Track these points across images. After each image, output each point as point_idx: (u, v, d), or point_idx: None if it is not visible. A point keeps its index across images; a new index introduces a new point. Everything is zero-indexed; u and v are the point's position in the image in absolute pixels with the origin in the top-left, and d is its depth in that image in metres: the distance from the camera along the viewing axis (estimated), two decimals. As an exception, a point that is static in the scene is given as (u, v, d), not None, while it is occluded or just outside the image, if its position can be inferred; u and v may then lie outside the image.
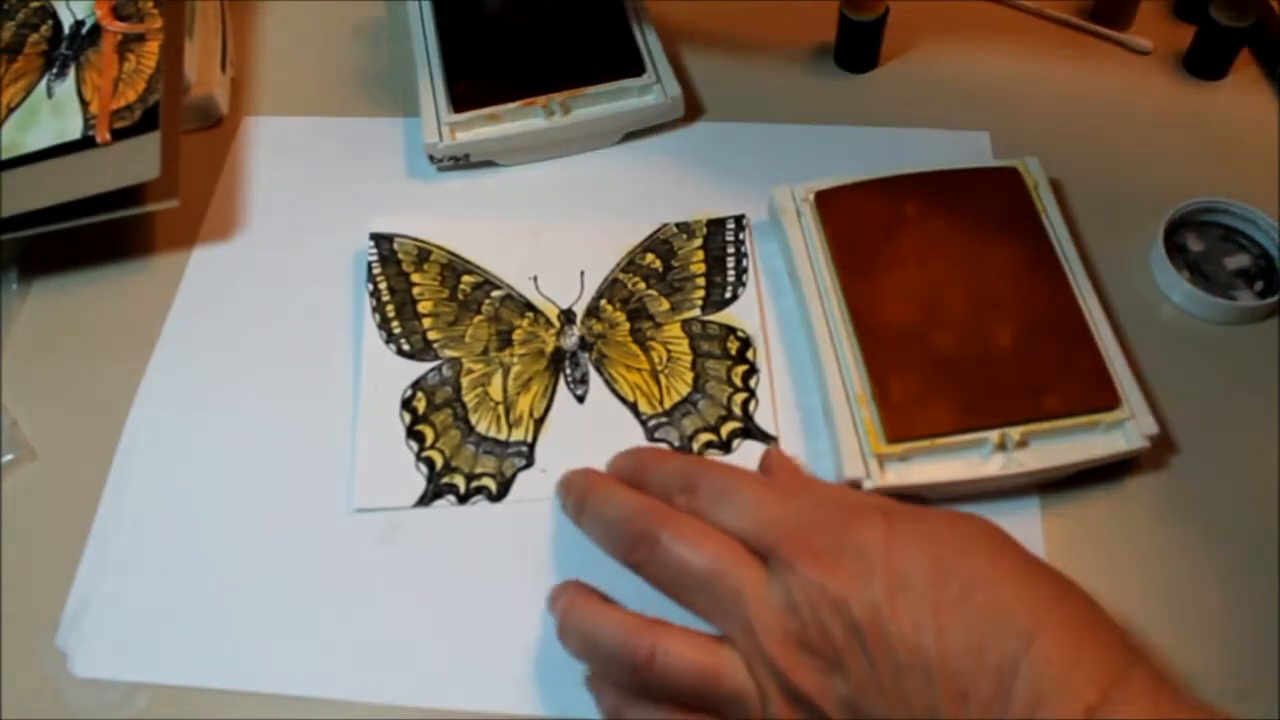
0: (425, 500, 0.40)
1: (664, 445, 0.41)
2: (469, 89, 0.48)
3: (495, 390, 0.42)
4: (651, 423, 0.41)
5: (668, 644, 0.33)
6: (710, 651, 0.33)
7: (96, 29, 0.48)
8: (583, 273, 0.45)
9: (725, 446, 0.41)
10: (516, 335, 0.43)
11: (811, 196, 0.45)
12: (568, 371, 0.43)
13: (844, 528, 0.32)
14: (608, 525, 0.36)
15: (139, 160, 0.43)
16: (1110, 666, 0.29)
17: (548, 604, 0.36)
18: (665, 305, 0.44)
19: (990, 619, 0.29)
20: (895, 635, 0.30)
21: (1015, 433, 0.38)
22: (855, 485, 0.38)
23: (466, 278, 0.45)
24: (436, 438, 0.41)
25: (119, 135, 0.44)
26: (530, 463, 0.41)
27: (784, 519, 0.33)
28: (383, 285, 0.45)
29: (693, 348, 0.43)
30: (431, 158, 0.48)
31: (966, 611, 0.29)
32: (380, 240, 0.46)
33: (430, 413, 0.42)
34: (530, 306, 0.44)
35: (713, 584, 0.33)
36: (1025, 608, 0.30)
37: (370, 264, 0.45)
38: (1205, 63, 0.51)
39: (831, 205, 0.44)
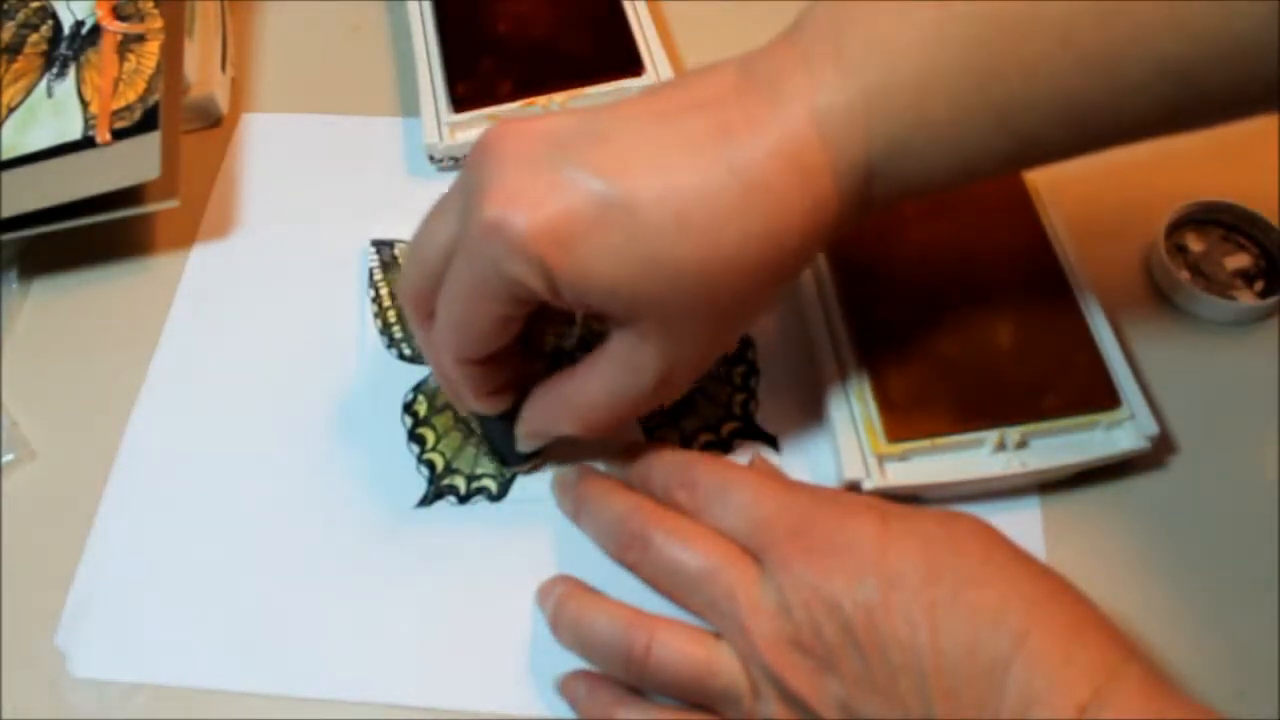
0: (426, 502, 0.40)
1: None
2: (469, 89, 0.48)
3: (495, 390, 0.42)
4: (651, 423, 0.41)
5: (664, 637, 0.33)
6: (706, 646, 0.33)
7: (96, 29, 0.48)
8: (583, 273, 0.45)
9: (725, 447, 0.41)
10: (516, 335, 0.43)
11: (811, 196, 0.45)
12: (568, 372, 0.43)
13: (837, 527, 0.32)
14: (603, 526, 0.36)
15: (139, 160, 0.43)
16: (1103, 664, 0.29)
17: (537, 598, 0.37)
18: (665, 305, 0.44)
19: (983, 617, 0.29)
20: (889, 635, 0.30)
21: (1015, 433, 0.38)
22: (855, 485, 0.38)
23: (466, 278, 0.45)
24: (437, 440, 0.41)
25: (119, 135, 0.44)
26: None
27: (778, 518, 0.33)
28: (384, 291, 0.44)
29: (693, 348, 0.43)
30: (431, 158, 0.48)
31: (959, 610, 0.30)
32: (381, 246, 0.46)
33: (431, 416, 0.42)
34: (530, 306, 0.44)
35: (706, 585, 0.33)
36: (1017, 606, 0.30)
37: (371, 270, 0.45)
38: (1205, 63, 0.51)
39: (831, 205, 0.44)
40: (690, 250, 0.30)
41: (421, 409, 0.42)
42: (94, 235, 0.44)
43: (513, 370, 0.36)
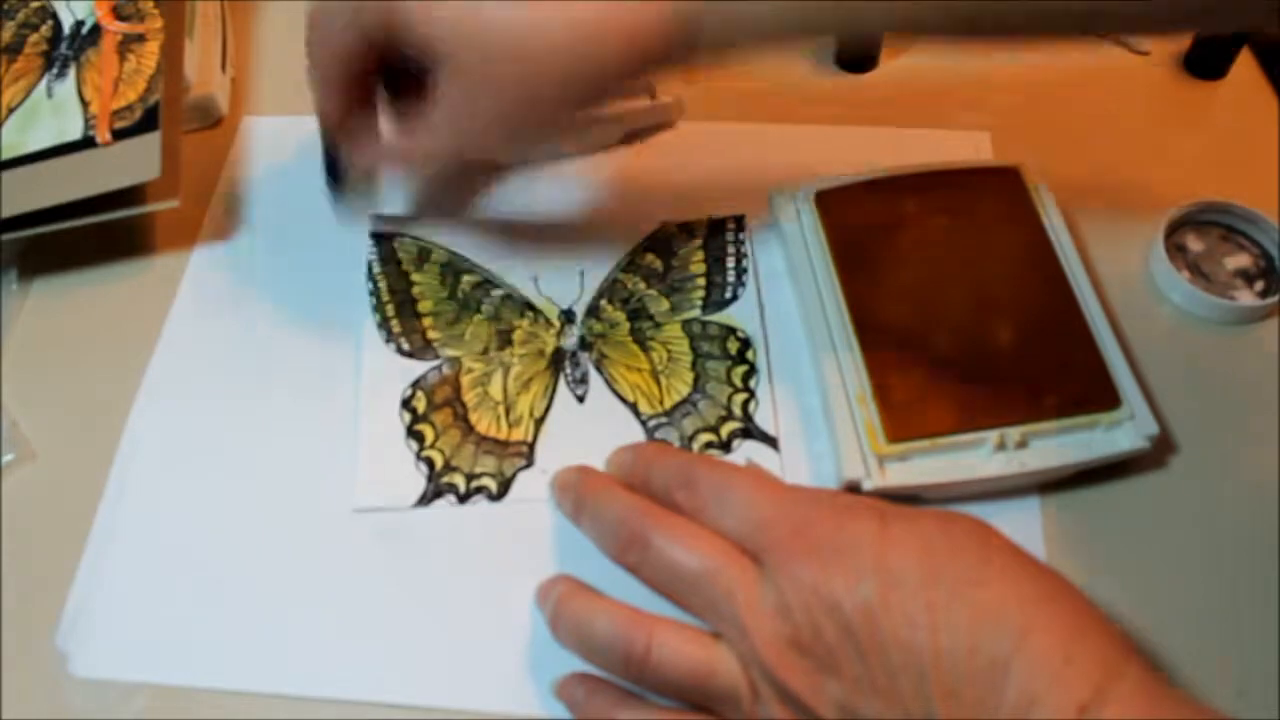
0: (425, 500, 0.40)
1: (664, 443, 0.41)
2: (469, 89, 0.48)
3: (495, 390, 0.42)
4: (651, 423, 0.41)
5: (664, 637, 0.33)
6: (705, 646, 0.33)
7: (96, 29, 0.48)
8: (583, 273, 0.45)
9: (725, 447, 0.41)
10: (516, 335, 0.44)
11: (811, 196, 0.45)
12: (568, 371, 0.43)
13: (837, 527, 0.32)
14: (603, 527, 0.36)
15: (139, 160, 0.43)
16: (1103, 664, 0.29)
17: (536, 598, 0.37)
18: (665, 305, 0.44)
19: (983, 618, 0.29)
20: (889, 635, 0.30)
21: (1015, 433, 0.38)
22: (855, 485, 0.38)
23: (466, 277, 0.45)
24: (436, 437, 0.41)
25: (119, 135, 0.44)
26: (530, 462, 0.41)
27: (778, 519, 0.33)
28: (382, 285, 0.45)
29: (693, 348, 0.43)
30: (431, 158, 0.48)
31: (959, 610, 0.30)
32: (380, 240, 0.46)
33: (430, 412, 0.42)
34: (530, 306, 0.44)
35: (706, 585, 0.33)
36: (1017, 606, 0.30)
37: (370, 264, 0.45)
38: (1205, 63, 0.51)
39: (831, 205, 0.44)
40: (512, 9, 0.34)
41: (420, 405, 0.42)
42: (94, 235, 0.44)
43: (364, 112, 0.40)
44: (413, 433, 0.41)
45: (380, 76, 0.40)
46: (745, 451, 0.41)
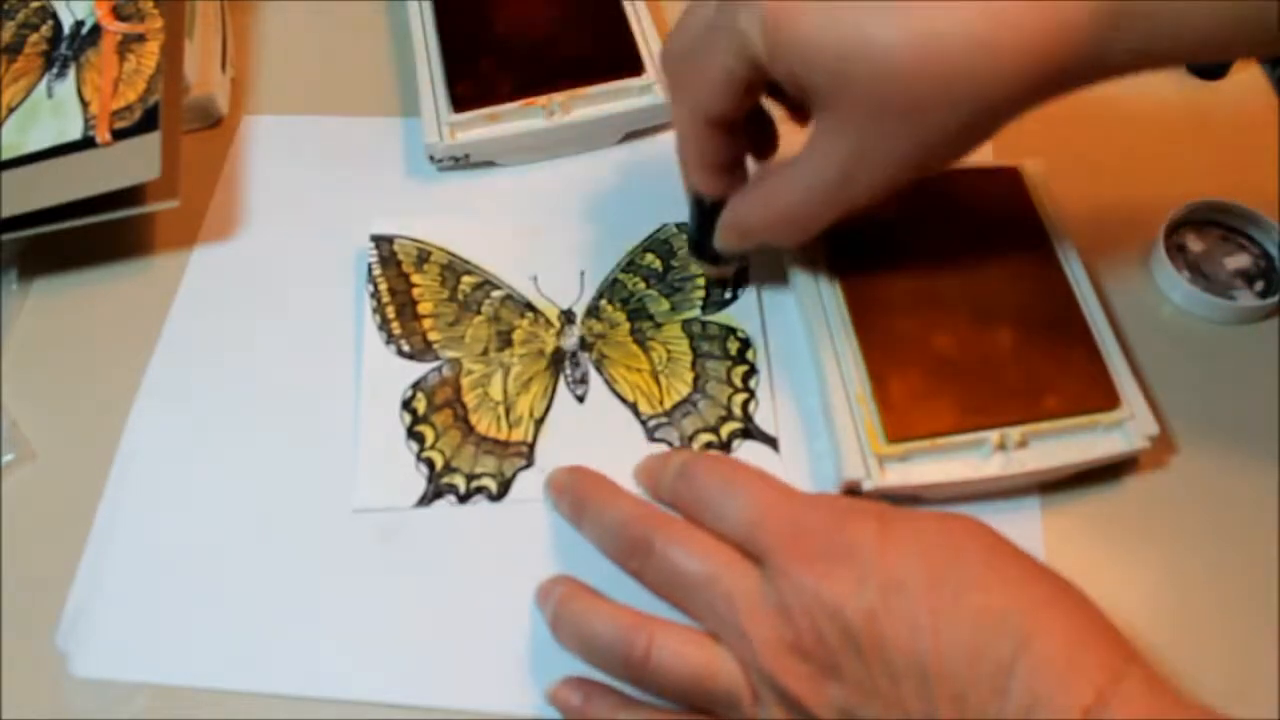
0: (425, 500, 0.40)
1: (664, 446, 0.41)
2: (469, 89, 0.48)
3: (495, 390, 0.42)
4: (651, 423, 0.41)
5: (664, 639, 0.33)
6: (706, 649, 0.33)
7: (96, 29, 0.48)
8: (583, 273, 0.45)
9: (725, 447, 0.41)
10: (516, 335, 0.44)
11: (811, 196, 0.45)
12: (568, 371, 0.43)
13: (837, 531, 0.32)
14: (604, 531, 0.36)
15: (139, 160, 0.43)
16: (1107, 667, 0.29)
17: (536, 598, 0.36)
18: (665, 305, 0.44)
19: (986, 621, 0.29)
20: (890, 640, 0.30)
21: (1015, 433, 0.38)
22: (855, 485, 0.38)
23: (466, 278, 0.45)
24: (437, 438, 0.41)
25: (119, 135, 0.44)
26: (530, 463, 0.41)
27: (778, 522, 0.33)
28: (383, 286, 0.45)
29: (693, 348, 0.43)
30: (431, 158, 0.48)
31: (962, 614, 0.30)
32: (380, 241, 0.46)
33: (430, 413, 0.42)
34: (530, 307, 0.44)
35: (706, 589, 0.33)
36: (1020, 609, 0.30)
37: (370, 265, 0.45)
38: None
39: (831, 205, 0.44)
40: (904, 35, 0.30)
41: (420, 406, 0.42)
42: (94, 235, 0.44)
43: (732, 155, 0.38)
44: (413, 434, 0.41)
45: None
46: (745, 452, 0.41)
